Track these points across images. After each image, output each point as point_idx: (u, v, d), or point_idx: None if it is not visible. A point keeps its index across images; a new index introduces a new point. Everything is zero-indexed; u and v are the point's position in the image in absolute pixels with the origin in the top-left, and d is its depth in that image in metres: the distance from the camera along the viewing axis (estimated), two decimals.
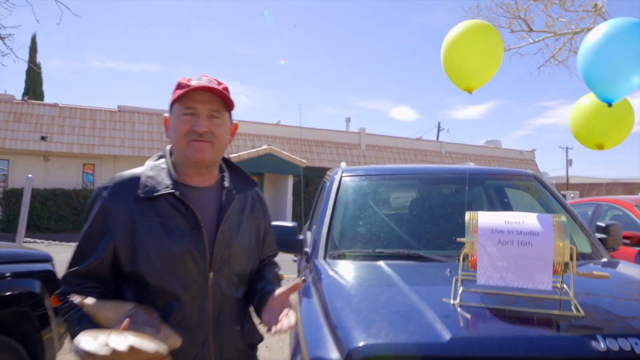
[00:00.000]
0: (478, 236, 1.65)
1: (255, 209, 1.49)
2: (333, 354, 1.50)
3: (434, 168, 3.43)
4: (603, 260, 2.47)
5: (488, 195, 3.16)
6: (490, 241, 1.63)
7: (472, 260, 1.67)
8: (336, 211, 2.78)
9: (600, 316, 1.59)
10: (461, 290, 1.68)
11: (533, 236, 1.61)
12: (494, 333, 1.48)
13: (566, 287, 1.66)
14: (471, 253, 1.68)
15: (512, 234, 1.62)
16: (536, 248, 1.60)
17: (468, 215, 1.73)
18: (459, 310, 1.61)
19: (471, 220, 1.69)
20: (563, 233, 1.64)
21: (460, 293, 1.67)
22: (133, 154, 18.02)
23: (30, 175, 5.45)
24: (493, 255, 1.62)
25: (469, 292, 1.70)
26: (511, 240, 1.61)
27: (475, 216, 1.70)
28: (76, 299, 1.17)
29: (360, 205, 2.90)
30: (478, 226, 1.66)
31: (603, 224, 2.81)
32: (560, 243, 1.61)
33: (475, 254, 1.65)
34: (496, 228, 1.65)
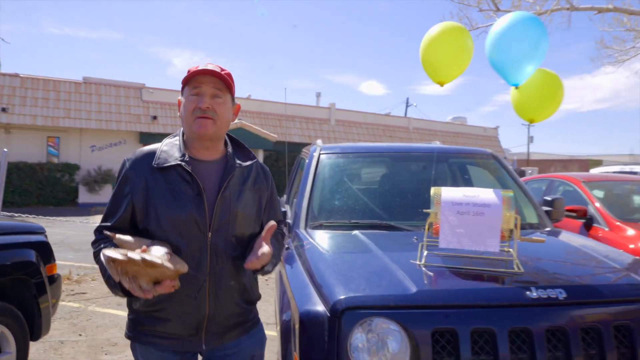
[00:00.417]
0: (441, 208, 1.96)
1: (258, 181, 1.70)
2: (319, 307, 1.80)
3: (404, 147, 3.73)
4: (547, 229, 2.85)
5: (452, 172, 3.49)
6: (450, 212, 1.95)
7: (436, 228, 1.99)
8: (315, 186, 3.06)
9: (535, 273, 1.95)
10: (426, 253, 2.00)
11: (486, 207, 1.93)
12: (452, 286, 1.81)
13: (511, 250, 2.00)
14: (435, 222, 2.00)
15: (469, 206, 1.94)
16: (488, 218, 1.92)
17: (433, 190, 2.04)
18: (424, 269, 1.93)
19: (436, 194, 2.00)
20: (510, 205, 1.97)
21: (425, 256, 1.99)
22: (100, 127, 17.69)
23: (5, 149, 5.46)
24: (453, 223, 1.94)
25: (432, 255, 2.02)
26: (468, 211, 1.93)
27: (439, 191, 2.01)
28: (108, 233, 1.47)
29: (337, 180, 3.18)
30: (441, 199, 1.97)
31: (549, 198, 3.19)
32: (507, 214, 1.94)
33: (438, 223, 1.97)
34: (456, 201, 1.96)
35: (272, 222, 1.58)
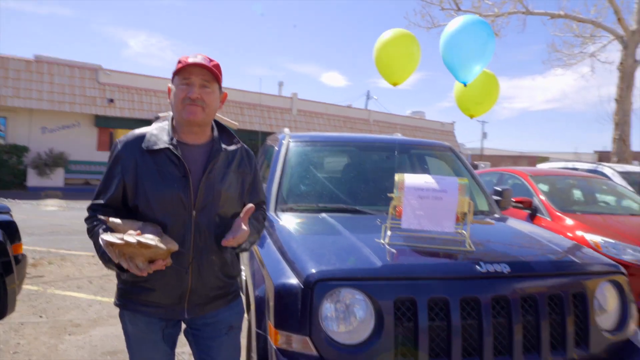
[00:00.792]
0: (404, 192, 2.17)
1: (242, 165, 1.82)
2: (293, 280, 1.97)
3: (368, 137, 3.94)
4: (495, 215, 3.14)
5: (412, 162, 3.73)
6: (412, 196, 2.16)
7: (399, 210, 2.20)
8: (284, 172, 3.21)
9: (484, 251, 2.20)
10: (389, 233, 2.21)
11: (443, 193, 2.16)
12: (412, 261, 2.02)
13: (464, 232, 2.24)
14: (398, 205, 2.20)
15: (429, 191, 2.16)
16: (445, 202, 2.15)
17: (397, 176, 2.24)
18: (387, 247, 2.14)
19: (399, 180, 2.21)
20: (465, 192, 2.20)
21: (388, 235, 2.20)
22: (53, 108, 16.95)
23: None
24: (414, 206, 2.15)
25: (395, 235, 2.23)
26: (428, 195, 2.15)
27: (402, 177, 2.22)
28: (102, 217, 1.58)
29: (305, 167, 3.35)
30: (404, 184, 2.18)
31: (499, 189, 3.49)
32: (462, 199, 2.17)
33: (401, 206, 2.18)
34: (418, 186, 2.18)
35: (250, 205, 1.71)
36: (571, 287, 2.07)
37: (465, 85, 3.46)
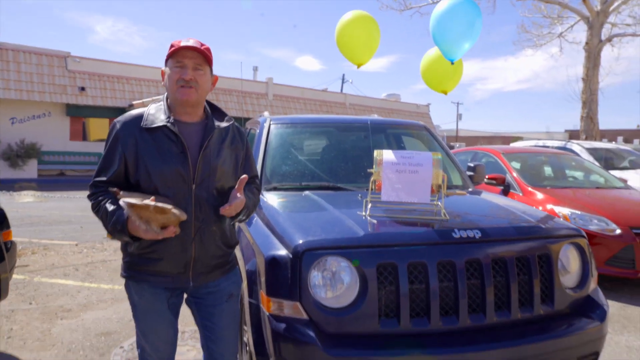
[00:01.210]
0: (382, 167, 2.32)
1: (234, 141, 1.94)
2: (282, 252, 2.11)
3: (347, 118, 4.08)
4: (469, 189, 3.33)
5: (388, 141, 3.89)
6: (390, 170, 2.31)
7: (378, 184, 2.35)
8: (267, 153, 3.33)
9: (458, 219, 2.37)
10: (370, 206, 2.36)
11: (419, 167, 2.32)
12: (391, 230, 2.19)
13: (439, 202, 2.41)
14: (377, 179, 2.36)
15: (405, 165, 2.31)
16: (420, 175, 2.31)
17: (376, 152, 2.39)
18: (369, 219, 2.29)
19: (378, 156, 2.36)
20: (439, 165, 2.37)
21: (369, 208, 2.35)
22: (21, 98, 16.50)
23: None
24: (392, 180, 2.31)
25: (375, 207, 2.39)
26: (405, 169, 2.31)
27: (381, 153, 2.37)
28: (113, 190, 1.68)
29: (286, 148, 3.47)
30: (383, 160, 2.32)
31: (472, 164, 3.68)
32: (436, 172, 2.34)
33: (380, 180, 2.33)
34: (395, 161, 2.33)
35: (244, 175, 1.82)
36: (537, 250, 2.27)
37: (452, 63, 3.67)
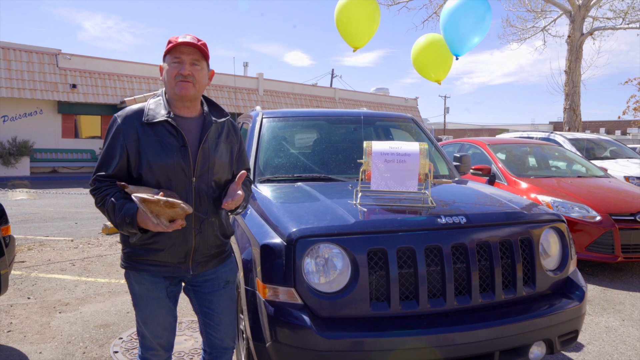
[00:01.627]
0: (372, 157, 2.42)
1: (229, 135, 2.02)
2: (277, 240, 2.20)
3: (337, 112, 4.18)
4: (455, 178, 3.45)
5: (377, 133, 3.99)
6: (379, 160, 2.41)
7: (368, 174, 2.45)
8: (260, 146, 3.42)
9: (444, 206, 2.49)
10: (360, 195, 2.47)
11: (406, 156, 2.42)
12: (381, 217, 2.29)
13: (426, 191, 2.52)
14: (367, 169, 2.46)
15: (394, 155, 2.42)
16: (408, 164, 2.42)
17: (365, 143, 2.49)
18: (359, 207, 2.40)
19: (367, 146, 2.46)
20: (425, 155, 2.48)
21: (359, 197, 2.45)
22: (12, 96, 16.35)
23: None
24: (381, 169, 2.41)
25: (365, 196, 2.49)
26: (393, 159, 2.41)
27: (370, 144, 2.47)
28: (120, 184, 1.73)
29: (279, 141, 3.56)
30: (372, 150, 2.43)
31: (458, 155, 3.81)
32: (423, 161, 2.44)
33: (369, 170, 2.43)
34: (383, 152, 2.43)
35: (243, 171, 1.92)
36: (519, 235, 2.39)
37: (457, 58, 3.81)
